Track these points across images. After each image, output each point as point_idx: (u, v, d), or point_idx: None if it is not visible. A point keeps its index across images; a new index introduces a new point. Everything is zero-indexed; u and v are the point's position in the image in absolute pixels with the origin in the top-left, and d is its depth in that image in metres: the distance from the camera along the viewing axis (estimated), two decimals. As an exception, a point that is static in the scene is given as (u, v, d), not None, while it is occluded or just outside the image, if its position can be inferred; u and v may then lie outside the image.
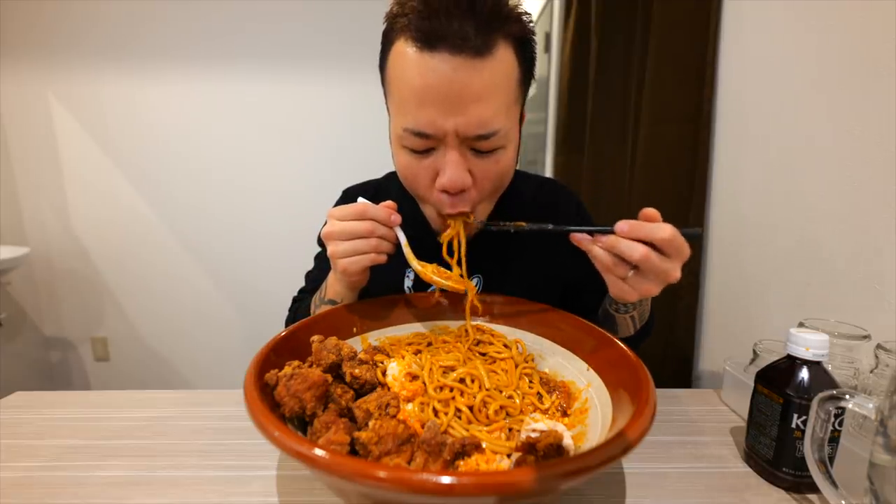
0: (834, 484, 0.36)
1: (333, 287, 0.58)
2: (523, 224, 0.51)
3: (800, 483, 0.42)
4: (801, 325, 0.52)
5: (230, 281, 2.05)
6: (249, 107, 1.91)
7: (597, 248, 0.45)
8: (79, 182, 1.94)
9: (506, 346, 0.52)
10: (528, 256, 0.68)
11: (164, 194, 1.96)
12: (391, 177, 0.75)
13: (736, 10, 0.80)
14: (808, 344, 0.41)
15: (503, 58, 0.47)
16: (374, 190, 0.74)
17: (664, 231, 0.42)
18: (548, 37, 2.07)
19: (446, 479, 0.25)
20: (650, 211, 0.44)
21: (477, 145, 0.50)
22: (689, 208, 0.89)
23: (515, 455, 0.36)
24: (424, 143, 0.50)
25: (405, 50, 0.47)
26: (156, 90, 1.87)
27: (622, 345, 0.44)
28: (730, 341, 0.81)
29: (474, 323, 0.57)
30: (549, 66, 2.03)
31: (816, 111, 0.62)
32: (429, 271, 0.53)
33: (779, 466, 0.42)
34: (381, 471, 0.26)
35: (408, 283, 0.67)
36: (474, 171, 0.51)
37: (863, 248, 0.55)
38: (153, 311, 2.07)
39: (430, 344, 0.52)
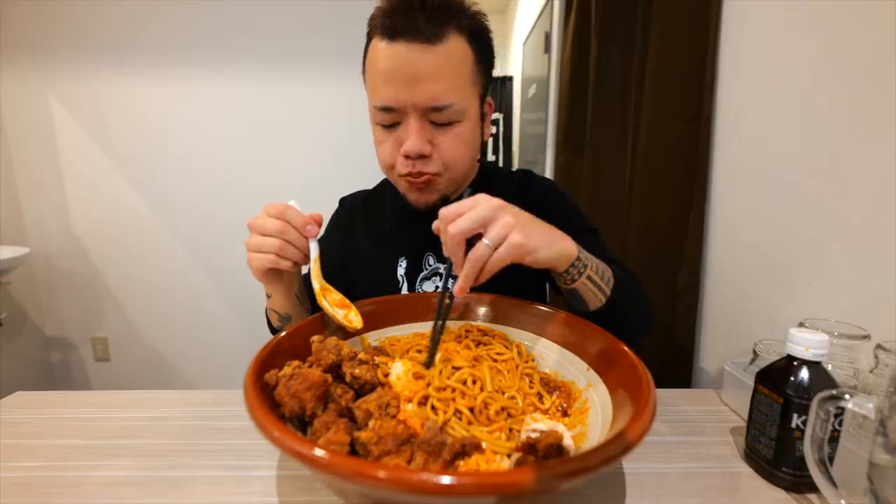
0: (834, 484, 0.36)
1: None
2: None
3: (800, 483, 0.42)
4: (801, 325, 0.52)
5: (230, 281, 2.05)
6: (249, 107, 1.91)
7: (465, 267, 0.44)
8: (79, 182, 1.94)
9: (506, 347, 0.51)
10: None
11: (165, 194, 1.96)
12: (385, 183, 0.79)
13: (736, 10, 0.80)
14: (808, 344, 0.41)
15: (454, 45, 0.56)
16: (367, 196, 0.80)
17: (442, 212, 0.45)
18: (548, 37, 2.07)
19: (446, 479, 0.25)
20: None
21: (434, 117, 0.58)
22: (689, 208, 0.89)
23: (515, 455, 0.36)
24: (391, 118, 0.59)
25: (377, 44, 0.57)
26: (156, 90, 1.87)
27: (622, 345, 0.44)
28: (730, 341, 0.81)
29: (474, 324, 0.57)
30: (549, 66, 2.03)
31: (816, 111, 0.62)
32: (327, 298, 0.52)
33: (779, 466, 0.42)
34: (380, 471, 0.26)
35: (400, 270, 0.70)
36: (435, 142, 0.59)
37: (863, 248, 0.55)
38: (153, 311, 2.07)
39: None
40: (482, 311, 0.58)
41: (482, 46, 0.61)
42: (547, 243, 0.46)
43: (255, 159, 1.96)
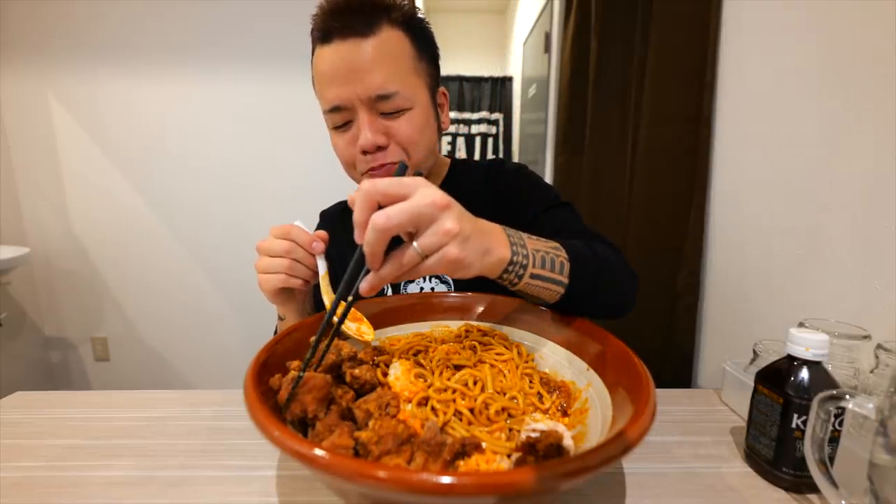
0: (834, 484, 0.36)
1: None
2: None
3: (800, 483, 0.42)
4: (801, 325, 0.51)
5: (230, 281, 2.05)
6: (248, 106, 1.91)
7: (386, 267, 0.37)
8: (78, 182, 1.94)
9: (506, 347, 0.51)
10: None
11: (164, 194, 1.96)
12: None
13: (736, 10, 0.80)
14: (808, 344, 0.41)
15: (388, 36, 0.57)
16: (344, 206, 0.82)
17: (360, 191, 0.36)
18: (548, 37, 2.07)
19: (446, 479, 0.25)
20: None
21: (381, 107, 0.58)
22: (689, 208, 0.89)
23: (515, 455, 0.36)
24: (342, 117, 0.60)
25: (317, 52, 0.59)
26: (155, 90, 1.87)
27: (623, 345, 0.44)
28: (730, 341, 0.81)
29: (474, 324, 0.57)
30: (549, 66, 2.03)
31: (816, 111, 0.62)
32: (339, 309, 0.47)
33: (779, 466, 0.42)
34: (380, 471, 0.26)
35: None
36: (390, 132, 0.59)
37: (863, 248, 0.55)
38: (153, 311, 2.07)
39: (427, 348, 0.52)
40: (482, 311, 0.58)
41: (419, 36, 0.61)
42: (481, 254, 0.39)
43: (253, 159, 1.96)
